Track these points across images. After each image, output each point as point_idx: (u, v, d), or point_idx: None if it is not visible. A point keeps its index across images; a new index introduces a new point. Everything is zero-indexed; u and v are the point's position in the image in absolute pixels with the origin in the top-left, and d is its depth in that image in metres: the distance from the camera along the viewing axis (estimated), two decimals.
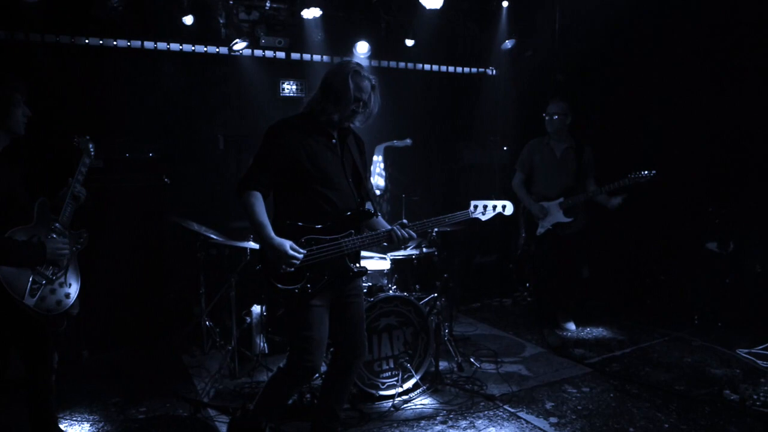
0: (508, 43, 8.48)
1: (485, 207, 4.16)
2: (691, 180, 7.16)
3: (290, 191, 3.76)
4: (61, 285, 3.84)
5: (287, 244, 3.58)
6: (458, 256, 8.35)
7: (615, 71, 7.76)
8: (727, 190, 7.03)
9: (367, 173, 4.27)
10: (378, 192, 7.59)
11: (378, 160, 7.63)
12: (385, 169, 7.71)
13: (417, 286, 6.13)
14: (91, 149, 4.20)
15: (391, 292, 5.37)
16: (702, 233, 7.15)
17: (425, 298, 5.76)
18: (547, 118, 6.87)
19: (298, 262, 3.61)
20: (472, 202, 4.17)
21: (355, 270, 3.86)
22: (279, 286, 3.67)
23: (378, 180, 7.57)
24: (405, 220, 3.93)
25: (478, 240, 8.78)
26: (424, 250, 6.10)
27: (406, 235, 3.86)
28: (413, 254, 6.07)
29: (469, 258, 8.83)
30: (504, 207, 4.19)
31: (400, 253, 6.05)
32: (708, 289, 7.13)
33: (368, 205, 3.99)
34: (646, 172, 6.14)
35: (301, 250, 3.63)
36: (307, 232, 3.71)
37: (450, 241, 7.57)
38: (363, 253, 6.03)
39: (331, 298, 3.84)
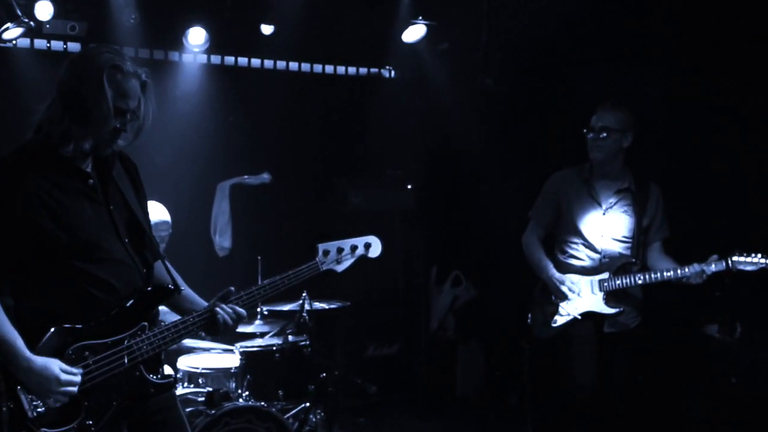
0: None
1: (340, 251, 4.01)
2: (679, 235, 6.66)
3: (35, 275, 3.41)
4: None
5: (55, 365, 3.22)
6: (342, 346, 8.44)
7: (569, 74, 7.82)
8: (731, 249, 6.56)
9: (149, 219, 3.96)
10: (222, 253, 7.56)
11: (222, 204, 7.62)
12: (232, 218, 7.73)
13: (281, 392, 6.05)
14: None
15: (241, 401, 5.43)
16: (698, 312, 7.22)
17: (293, 409, 5.86)
18: (589, 135, 5.93)
19: (75, 390, 3.26)
20: (320, 247, 4.00)
21: (157, 383, 3.59)
22: None
23: (222, 234, 7.60)
24: (232, 288, 3.74)
25: (372, 322, 8.91)
26: (290, 338, 6.11)
27: (234, 315, 3.68)
28: (274, 344, 6.06)
29: (359, 349, 8.96)
30: (368, 246, 4.10)
31: (256, 343, 6.06)
32: (706, 392, 7.20)
33: (158, 268, 3.82)
34: (758, 256, 5.55)
35: (75, 370, 3.28)
36: (73, 338, 3.36)
37: (329, 326, 7.61)
38: (198, 342, 6.07)
39: (129, 423, 3.57)
